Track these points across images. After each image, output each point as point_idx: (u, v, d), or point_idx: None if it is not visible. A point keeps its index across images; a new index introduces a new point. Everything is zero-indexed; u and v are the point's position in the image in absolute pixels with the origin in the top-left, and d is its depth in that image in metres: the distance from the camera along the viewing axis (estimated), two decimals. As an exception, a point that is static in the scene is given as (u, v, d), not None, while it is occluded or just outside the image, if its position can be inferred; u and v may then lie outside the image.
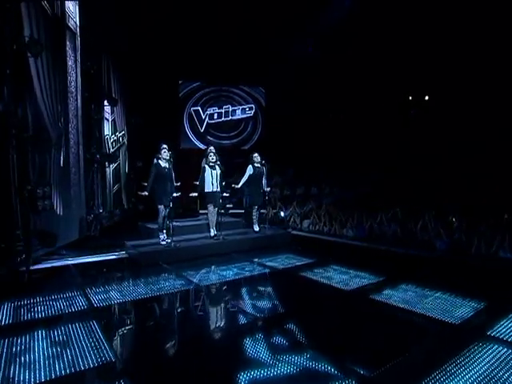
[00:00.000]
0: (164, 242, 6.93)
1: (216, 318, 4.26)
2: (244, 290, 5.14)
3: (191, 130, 15.57)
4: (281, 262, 6.63)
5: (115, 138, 9.67)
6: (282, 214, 10.27)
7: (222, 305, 4.68)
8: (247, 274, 5.88)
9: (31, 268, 5.93)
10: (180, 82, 15.14)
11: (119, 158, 9.89)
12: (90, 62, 8.04)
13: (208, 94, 15.74)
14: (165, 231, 7.12)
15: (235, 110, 16.19)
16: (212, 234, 7.55)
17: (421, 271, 6.03)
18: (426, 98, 13.19)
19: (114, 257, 6.87)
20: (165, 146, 6.92)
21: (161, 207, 6.87)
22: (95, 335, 3.63)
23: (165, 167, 6.85)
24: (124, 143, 10.49)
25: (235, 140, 16.33)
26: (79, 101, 7.61)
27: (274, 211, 12.51)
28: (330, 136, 14.52)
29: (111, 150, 9.34)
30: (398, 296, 4.68)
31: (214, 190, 7.43)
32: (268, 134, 16.14)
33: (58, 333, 3.69)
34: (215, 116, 15.91)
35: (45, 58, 6.23)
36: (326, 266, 6.21)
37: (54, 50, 6.51)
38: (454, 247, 7.27)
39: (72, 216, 7.23)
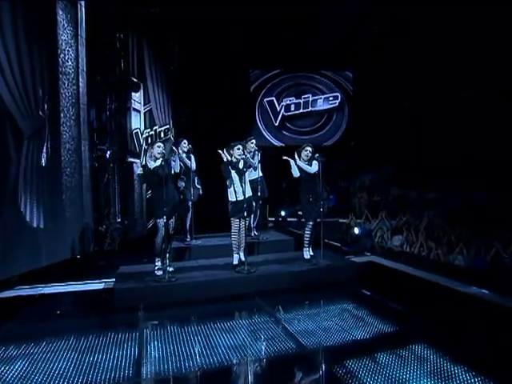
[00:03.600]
0: (160, 273, 4.73)
1: None
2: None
3: (264, 124, 13.28)
4: (326, 323, 3.79)
5: (151, 132, 7.92)
6: (357, 230, 7.23)
7: None
8: (250, 356, 3.20)
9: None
10: (251, 71, 12.99)
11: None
12: (104, 40, 6.33)
13: (284, 82, 13.25)
14: (168, 255, 4.93)
15: (316, 100, 13.35)
16: (235, 262, 5.07)
17: None
18: None
19: (98, 287, 4.92)
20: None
21: (160, 221, 4.70)
22: None
23: (160, 167, 4.65)
24: (169, 139, 8.72)
25: (316, 135, 13.50)
26: (82, 85, 5.94)
27: (358, 222, 9.43)
28: (440, 126, 10.62)
29: (144, 148, 7.62)
30: None
31: (240, 198, 4.95)
32: (356, 126, 12.89)
33: None
34: (292, 107, 13.33)
35: (9, 24, 4.60)
36: (412, 350, 3.18)
37: (27, 16, 4.85)
38: None
39: (64, 228, 5.55)
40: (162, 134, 8.32)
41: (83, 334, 3.60)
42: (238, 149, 4.96)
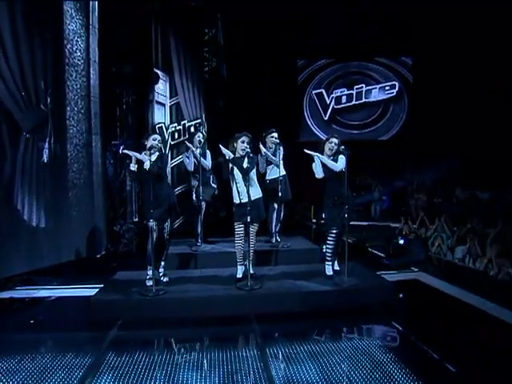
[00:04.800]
0: (150, 283, 4.08)
1: None
2: None
3: (312, 118, 12.15)
4: (328, 370, 2.77)
5: (178, 127, 7.37)
6: (402, 240, 5.91)
7: None
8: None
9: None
10: (298, 61, 11.94)
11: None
12: (120, 30, 5.86)
13: (334, 73, 11.99)
14: (163, 263, 4.30)
15: (370, 90, 11.88)
16: (239, 275, 4.23)
17: None
18: None
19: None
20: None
21: (150, 224, 4.07)
22: None
23: (154, 163, 4.01)
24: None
25: (370, 129, 12.05)
26: (94, 77, 5.52)
27: (413, 227, 8.05)
28: None
29: (169, 143, 7.09)
30: None
31: (243, 200, 4.09)
32: (417, 118, 11.16)
33: None
34: (343, 99, 12.01)
35: (5, 13, 4.27)
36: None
37: (26, 5, 4.48)
38: None
39: (70, 227, 5.18)
40: (192, 129, 7.73)
41: (39, 353, 3.08)
42: (243, 142, 4.09)
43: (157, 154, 4.14)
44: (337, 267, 4.48)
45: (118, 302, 3.71)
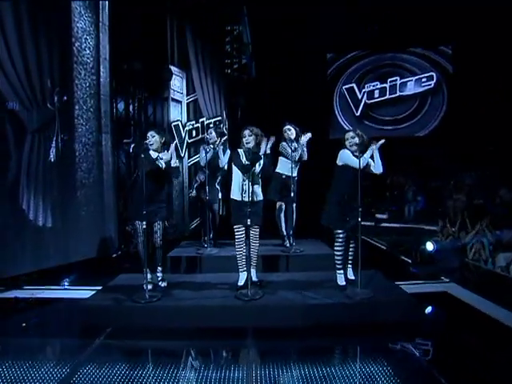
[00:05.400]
0: (147, 287, 3.82)
1: None
2: None
3: (343, 114, 11.52)
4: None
5: (196, 125, 7.14)
6: (431, 246, 5.24)
7: None
8: None
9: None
10: (327, 55, 11.33)
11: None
12: (132, 26, 5.70)
13: (365, 66, 11.25)
14: (160, 268, 4.05)
15: (405, 83, 11.04)
16: (240, 283, 3.87)
17: None
18: None
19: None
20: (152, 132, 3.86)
21: (137, 225, 3.84)
22: None
23: (155, 159, 3.77)
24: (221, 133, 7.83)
25: (406, 124, 11.21)
26: (104, 75, 5.38)
27: (452, 230, 7.28)
28: None
29: (186, 141, 6.88)
30: None
31: (245, 198, 3.71)
32: (457, 112, 10.16)
33: None
34: (376, 94, 11.27)
35: (9, 11, 4.21)
36: None
37: (31, 3, 4.41)
38: None
39: (78, 227, 5.07)
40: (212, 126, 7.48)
41: (19, 359, 2.90)
42: (244, 136, 3.71)
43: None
44: (352, 276, 3.99)
45: (109, 308, 3.50)
